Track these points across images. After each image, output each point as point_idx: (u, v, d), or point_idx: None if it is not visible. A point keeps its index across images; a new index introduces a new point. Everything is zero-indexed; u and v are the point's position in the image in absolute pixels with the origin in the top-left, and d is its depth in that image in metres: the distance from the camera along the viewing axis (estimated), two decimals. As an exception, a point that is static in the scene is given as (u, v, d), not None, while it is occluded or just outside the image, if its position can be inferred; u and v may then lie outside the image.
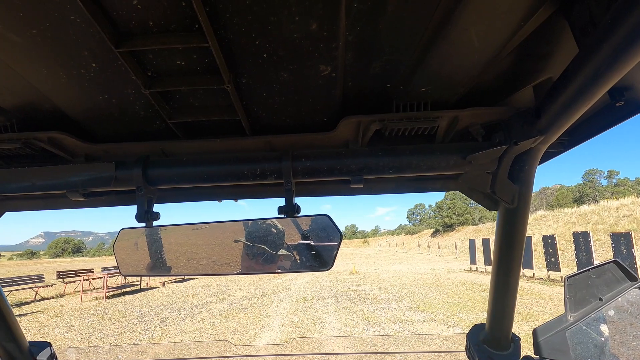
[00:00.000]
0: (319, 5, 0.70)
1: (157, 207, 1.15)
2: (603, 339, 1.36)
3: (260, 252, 1.04)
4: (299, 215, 1.04)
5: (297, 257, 1.03)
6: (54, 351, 1.66)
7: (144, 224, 1.08)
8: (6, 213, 1.36)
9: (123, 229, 1.11)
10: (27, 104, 1.01)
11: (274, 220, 1.05)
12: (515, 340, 1.51)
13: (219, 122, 1.11)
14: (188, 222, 1.15)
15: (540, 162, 1.12)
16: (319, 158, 1.08)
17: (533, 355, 1.42)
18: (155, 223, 1.10)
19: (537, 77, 0.99)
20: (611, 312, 1.37)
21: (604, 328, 1.36)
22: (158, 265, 1.12)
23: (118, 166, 1.09)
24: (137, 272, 1.15)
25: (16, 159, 1.20)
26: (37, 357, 1.58)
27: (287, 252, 1.03)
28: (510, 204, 1.14)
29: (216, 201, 1.43)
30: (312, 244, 1.02)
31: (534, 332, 1.42)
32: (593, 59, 0.70)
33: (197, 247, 1.13)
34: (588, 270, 1.42)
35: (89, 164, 1.13)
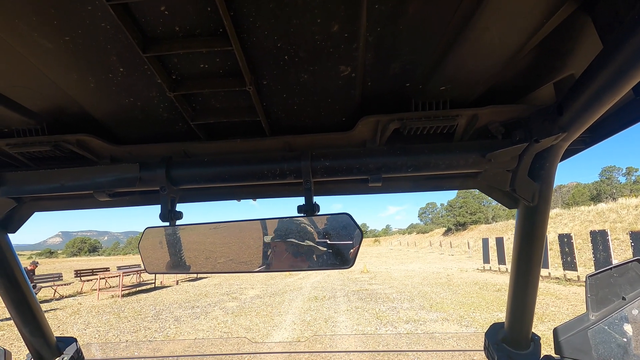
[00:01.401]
0: (341, 7, 0.71)
1: (178, 207, 1.18)
2: (626, 339, 1.34)
3: (283, 250, 1.06)
4: (319, 214, 1.05)
5: (318, 255, 1.04)
6: (79, 346, 1.71)
7: (167, 223, 1.11)
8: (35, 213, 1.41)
9: (148, 228, 1.14)
10: (57, 107, 1.05)
11: (294, 218, 1.07)
12: (535, 339, 1.49)
13: (239, 123, 1.13)
14: (209, 222, 1.17)
15: (561, 160, 1.11)
16: (337, 157, 1.09)
17: (554, 355, 1.40)
18: (178, 222, 1.13)
19: (558, 74, 0.98)
20: (635, 312, 1.34)
21: (627, 328, 1.33)
22: (182, 263, 1.15)
23: (142, 167, 1.13)
24: (162, 270, 1.18)
25: (44, 161, 1.25)
26: (64, 352, 1.63)
27: (309, 250, 1.05)
28: (530, 201, 1.13)
29: (228, 201, 1.46)
30: (333, 242, 1.03)
31: (555, 331, 1.41)
32: (618, 55, 0.69)
33: (219, 245, 1.15)
34: (610, 269, 1.39)
35: (115, 165, 1.17)
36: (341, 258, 1.02)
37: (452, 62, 0.88)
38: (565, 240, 16.66)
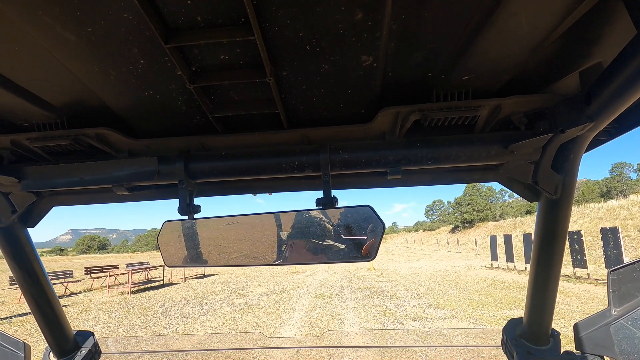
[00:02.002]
0: None
1: (195, 201, 1.18)
2: (649, 335, 1.31)
3: (305, 243, 1.05)
4: (339, 206, 1.04)
5: (339, 247, 1.03)
6: (96, 340, 1.73)
7: (185, 217, 1.11)
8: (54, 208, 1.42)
9: (167, 221, 1.14)
10: (77, 101, 1.05)
11: (314, 212, 1.06)
12: (555, 335, 1.47)
13: (256, 116, 1.12)
14: (227, 215, 1.17)
15: (586, 151, 1.09)
16: (356, 150, 1.08)
17: (575, 351, 1.38)
18: (196, 216, 1.13)
19: (585, 63, 0.95)
20: (659, 307, 1.31)
21: (651, 323, 1.31)
22: (201, 256, 1.15)
23: (161, 161, 1.13)
24: (180, 263, 1.18)
25: (63, 155, 1.26)
26: (82, 346, 1.65)
27: (330, 243, 1.04)
28: (553, 194, 1.10)
29: (242, 197, 1.45)
30: (354, 234, 1.02)
31: (575, 327, 1.38)
32: None
33: (237, 239, 1.15)
34: (633, 263, 1.36)
35: (134, 158, 1.17)
36: (362, 251, 1.01)
37: (476, 51, 0.86)
38: (575, 238, 16.44)
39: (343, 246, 1.02)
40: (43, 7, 0.70)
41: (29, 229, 1.40)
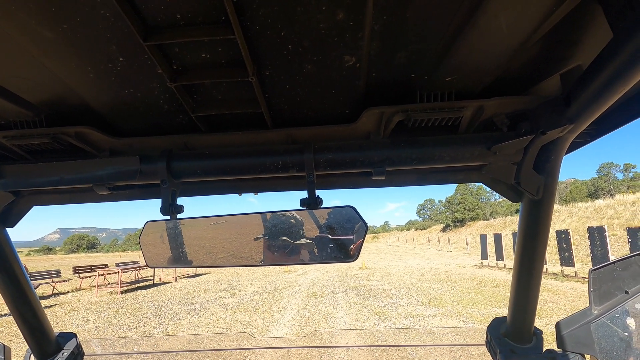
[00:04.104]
0: None
1: (179, 201, 1.17)
2: (628, 333, 1.34)
3: (286, 243, 1.05)
4: (322, 207, 1.04)
5: (322, 248, 1.03)
6: (79, 342, 1.70)
7: (168, 217, 1.10)
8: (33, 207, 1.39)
9: (148, 221, 1.13)
10: (56, 99, 1.03)
11: (297, 211, 1.06)
12: (537, 333, 1.49)
13: (240, 115, 1.11)
14: (210, 215, 1.16)
15: (567, 153, 1.10)
16: (341, 150, 1.08)
17: (556, 349, 1.40)
18: (179, 216, 1.11)
19: (565, 65, 0.96)
20: (637, 306, 1.34)
21: (630, 322, 1.33)
22: (183, 257, 1.14)
23: (143, 160, 1.11)
24: (163, 264, 1.17)
25: (43, 154, 1.23)
26: (64, 348, 1.62)
27: (312, 244, 1.03)
28: (535, 195, 1.12)
29: (229, 196, 1.44)
30: (337, 235, 1.02)
31: (557, 325, 1.40)
32: (630, 43, 0.68)
33: (220, 239, 1.14)
34: (613, 262, 1.39)
35: (115, 158, 1.15)
36: (345, 251, 1.00)
37: (458, 52, 0.86)
38: (563, 237, 16.74)
39: (327, 246, 1.02)
40: (17, 3, 0.69)
41: (9, 229, 1.37)
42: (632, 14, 0.67)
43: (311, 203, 1.05)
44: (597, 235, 15.34)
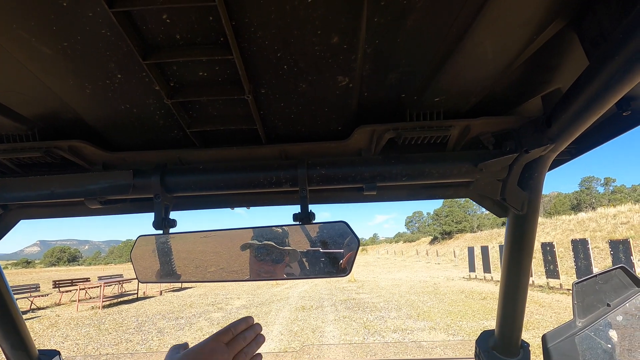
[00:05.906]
0: (342, 19, 0.73)
1: (171, 215, 1.17)
2: (611, 345, 1.38)
3: (279, 258, 1.05)
4: (315, 222, 1.05)
5: (314, 263, 1.04)
6: (62, 359, 1.65)
7: (160, 231, 1.10)
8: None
9: (141, 236, 1.12)
10: (50, 113, 1.02)
11: (289, 226, 1.07)
12: (525, 346, 1.52)
13: (235, 131, 1.13)
14: (204, 230, 1.16)
15: (549, 170, 1.15)
16: (333, 166, 1.10)
17: None
18: (171, 230, 1.11)
19: (546, 88, 1.02)
20: (619, 318, 1.38)
21: (612, 334, 1.37)
22: (176, 272, 1.13)
23: (136, 174, 1.11)
24: (154, 279, 1.15)
25: (34, 168, 1.22)
26: None
27: (304, 258, 1.04)
28: (520, 210, 1.16)
29: (221, 211, 1.45)
30: (329, 250, 1.03)
31: (543, 338, 1.43)
32: (603, 71, 0.73)
33: (211, 254, 1.14)
34: (595, 276, 1.43)
35: (108, 172, 1.14)
36: (337, 266, 1.02)
37: (447, 74, 0.90)
38: (548, 249, 17.04)
39: (318, 261, 1.04)
40: (18, 21, 0.70)
41: None
42: (605, 44, 0.73)
43: (304, 218, 1.06)
44: (580, 248, 15.67)
